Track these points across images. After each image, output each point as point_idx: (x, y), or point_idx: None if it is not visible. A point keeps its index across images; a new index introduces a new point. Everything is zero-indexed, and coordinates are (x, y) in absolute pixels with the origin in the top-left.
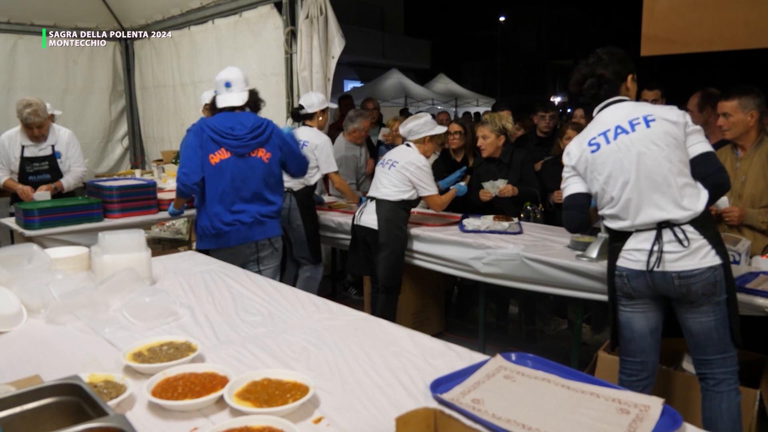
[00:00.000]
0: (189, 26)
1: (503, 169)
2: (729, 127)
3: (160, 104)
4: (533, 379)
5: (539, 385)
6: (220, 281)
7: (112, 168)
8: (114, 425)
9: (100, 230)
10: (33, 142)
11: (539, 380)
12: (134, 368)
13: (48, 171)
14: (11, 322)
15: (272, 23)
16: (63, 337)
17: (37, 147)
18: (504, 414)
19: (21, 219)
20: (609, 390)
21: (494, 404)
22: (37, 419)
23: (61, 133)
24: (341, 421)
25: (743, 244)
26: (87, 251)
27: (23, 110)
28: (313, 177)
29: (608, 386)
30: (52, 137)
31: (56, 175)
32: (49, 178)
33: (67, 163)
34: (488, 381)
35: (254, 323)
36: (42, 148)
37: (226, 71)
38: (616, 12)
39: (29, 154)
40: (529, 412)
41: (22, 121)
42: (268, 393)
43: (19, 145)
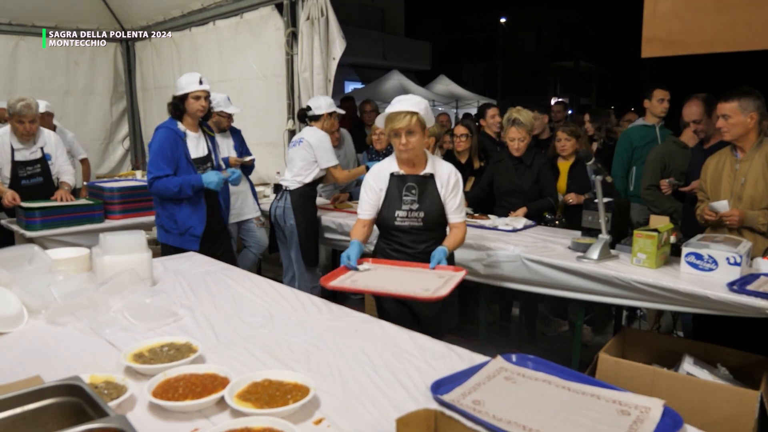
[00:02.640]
0: (190, 27)
1: (521, 168)
2: (728, 128)
3: (161, 105)
4: (534, 380)
5: (540, 387)
6: (221, 282)
7: (113, 169)
8: (115, 426)
9: (101, 231)
10: (23, 144)
11: (540, 382)
12: (135, 369)
13: (40, 174)
14: (12, 323)
15: (273, 24)
16: (64, 338)
17: (28, 150)
18: (504, 415)
19: (22, 220)
20: (609, 391)
21: (495, 406)
22: (39, 420)
23: (47, 135)
24: (342, 422)
25: (744, 246)
26: (88, 252)
27: (16, 104)
28: (309, 174)
29: (609, 388)
30: (41, 139)
31: (48, 178)
32: (41, 181)
33: (57, 164)
34: (489, 382)
35: (255, 324)
36: (33, 151)
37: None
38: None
39: (20, 158)
40: (530, 413)
41: (15, 115)
42: (269, 394)
43: (9, 149)
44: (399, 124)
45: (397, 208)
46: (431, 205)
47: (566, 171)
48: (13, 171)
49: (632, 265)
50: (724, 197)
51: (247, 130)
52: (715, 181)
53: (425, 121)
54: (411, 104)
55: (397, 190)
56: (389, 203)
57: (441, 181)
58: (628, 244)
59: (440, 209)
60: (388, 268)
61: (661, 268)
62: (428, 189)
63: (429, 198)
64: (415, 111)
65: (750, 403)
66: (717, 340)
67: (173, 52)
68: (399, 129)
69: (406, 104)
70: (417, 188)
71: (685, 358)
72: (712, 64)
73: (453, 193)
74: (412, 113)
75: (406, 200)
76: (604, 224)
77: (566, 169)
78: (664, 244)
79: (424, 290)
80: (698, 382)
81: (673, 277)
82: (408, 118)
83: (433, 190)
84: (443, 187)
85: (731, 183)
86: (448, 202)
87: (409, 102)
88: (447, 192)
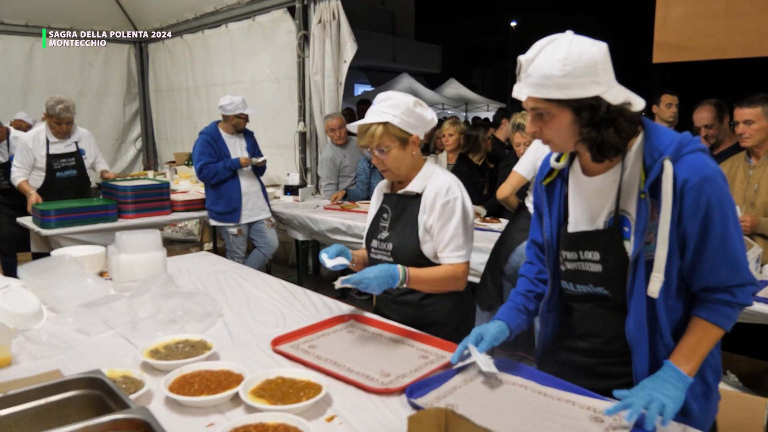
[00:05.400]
0: (203, 30)
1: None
2: (751, 134)
3: (173, 107)
4: (511, 384)
5: (516, 391)
6: (233, 281)
7: (125, 169)
8: (139, 417)
9: (115, 230)
10: (59, 139)
11: (517, 386)
12: (152, 365)
13: (74, 167)
14: (31, 320)
15: (285, 27)
16: (81, 334)
17: (62, 144)
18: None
19: (38, 218)
20: (587, 399)
21: (467, 410)
22: (61, 411)
23: (81, 131)
24: (353, 420)
25: (754, 252)
26: (103, 250)
27: (55, 106)
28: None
29: (587, 395)
30: (75, 134)
31: (82, 170)
32: (75, 174)
33: (90, 159)
34: (465, 386)
35: (267, 323)
36: (67, 145)
37: None
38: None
39: (55, 151)
40: (502, 418)
41: (54, 117)
42: (282, 391)
43: (45, 144)
44: (363, 141)
45: (374, 235)
46: (401, 235)
47: None
48: (48, 164)
49: None
50: (736, 203)
51: (258, 132)
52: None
53: (407, 127)
54: (381, 110)
55: (379, 213)
56: (372, 229)
57: (425, 203)
58: None
59: (413, 242)
60: (366, 332)
61: None
62: (406, 213)
63: (402, 225)
64: (382, 121)
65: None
66: (726, 346)
67: (186, 54)
68: (367, 146)
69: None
70: (390, 212)
71: None
72: (723, 70)
73: (441, 222)
74: (380, 124)
75: (381, 227)
76: None
77: None
78: None
79: (384, 375)
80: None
81: None
82: (375, 132)
83: (411, 215)
84: (425, 211)
85: (744, 189)
86: (434, 232)
87: (381, 107)
88: (430, 218)
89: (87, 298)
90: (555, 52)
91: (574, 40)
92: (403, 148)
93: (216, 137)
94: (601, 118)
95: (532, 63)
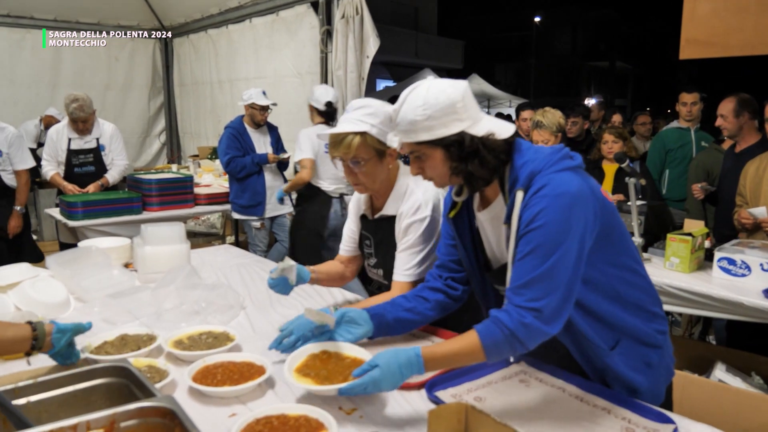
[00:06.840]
0: (227, 25)
1: None
2: None
3: (197, 101)
4: (549, 386)
5: (551, 393)
6: (255, 274)
7: (150, 162)
8: (165, 405)
9: (139, 222)
10: (78, 135)
11: (555, 388)
12: (176, 355)
13: (92, 163)
14: (59, 309)
15: (308, 22)
16: (107, 324)
17: (82, 140)
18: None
19: (65, 210)
20: (624, 410)
21: (492, 404)
22: (88, 398)
23: (105, 127)
24: (374, 414)
25: None
26: (129, 242)
27: (70, 104)
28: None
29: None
30: (96, 131)
31: (100, 167)
32: (93, 170)
33: (110, 156)
34: (501, 382)
35: (289, 316)
36: (87, 141)
37: None
38: (652, 14)
39: (75, 146)
40: (527, 416)
41: (69, 115)
42: (328, 369)
43: (66, 138)
44: (338, 152)
45: (367, 259)
46: (389, 258)
47: (612, 173)
48: (67, 159)
49: (665, 269)
50: (764, 202)
51: (281, 126)
52: (755, 186)
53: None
54: (358, 118)
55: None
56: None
57: (399, 225)
58: (661, 247)
59: None
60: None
61: (694, 272)
62: (386, 238)
63: (385, 250)
64: (360, 131)
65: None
66: (751, 347)
67: (210, 49)
68: (340, 158)
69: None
70: (371, 238)
71: (717, 365)
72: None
73: (404, 241)
74: (358, 134)
75: (367, 253)
76: (637, 227)
77: (612, 172)
78: (698, 248)
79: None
80: (730, 390)
81: (705, 282)
82: (351, 142)
83: (391, 239)
84: (399, 233)
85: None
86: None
87: (357, 114)
88: (400, 238)
89: (113, 288)
90: (415, 100)
91: (432, 85)
92: (380, 161)
93: (241, 131)
94: (467, 152)
95: (399, 113)
